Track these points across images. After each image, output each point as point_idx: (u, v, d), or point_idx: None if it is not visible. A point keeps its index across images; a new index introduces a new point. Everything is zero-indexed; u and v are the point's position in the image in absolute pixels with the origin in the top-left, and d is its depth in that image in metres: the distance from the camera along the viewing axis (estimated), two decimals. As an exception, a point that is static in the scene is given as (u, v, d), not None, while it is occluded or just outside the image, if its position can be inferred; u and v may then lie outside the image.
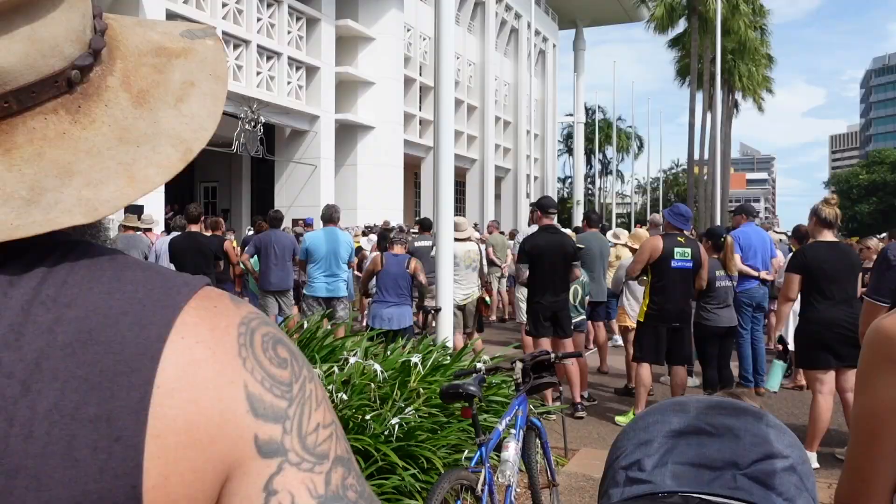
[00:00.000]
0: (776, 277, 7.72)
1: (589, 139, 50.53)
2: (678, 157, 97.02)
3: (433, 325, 6.15)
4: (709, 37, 31.12)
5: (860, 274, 5.57)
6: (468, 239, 7.89)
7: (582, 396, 6.62)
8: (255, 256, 8.37)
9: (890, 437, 1.08)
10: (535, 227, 7.74)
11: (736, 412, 0.68)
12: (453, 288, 7.57)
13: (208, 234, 10.04)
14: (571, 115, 43.88)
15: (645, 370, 6.08)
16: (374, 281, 6.46)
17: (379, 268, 6.39)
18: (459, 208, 29.95)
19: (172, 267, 7.14)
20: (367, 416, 3.79)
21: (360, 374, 4.19)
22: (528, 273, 6.30)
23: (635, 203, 54.34)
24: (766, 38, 38.37)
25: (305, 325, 5.50)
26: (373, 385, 4.05)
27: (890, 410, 1.07)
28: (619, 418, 6.29)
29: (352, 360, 4.12)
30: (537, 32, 34.65)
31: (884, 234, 13.45)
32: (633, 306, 7.29)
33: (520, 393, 3.48)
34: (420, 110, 26.47)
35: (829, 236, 5.26)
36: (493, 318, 13.10)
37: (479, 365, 4.33)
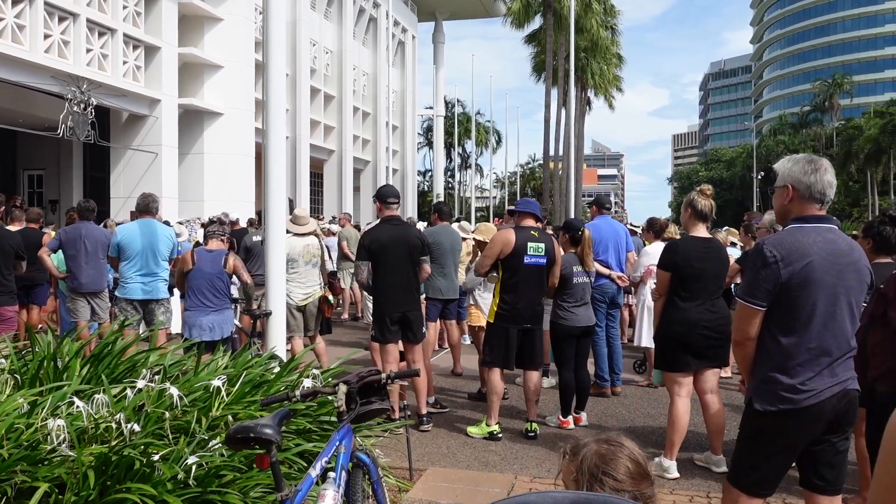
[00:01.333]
0: (630, 274, 7.54)
1: (449, 133, 50.67)
2: (535, 152, 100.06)
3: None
4: (563, 34, 31.77)
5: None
6: (309, 233, 7.15)
7: (429, 403, 6.09)
8: (61, 253, 7.22)
9: None
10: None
11: None
12: (292, 287, 6.84)
13: (18, 227, 8.72)
14: (431, 108, 43.71)
15: (496, 376, 5.63)
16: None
17: (189, 266, 5.55)
18: (316, 200, 28.92)
19: None
20: (156, 457, 3.02)
21: (154, 401, 3.41)
22: (367, 272, 5.68)
23: (494, 197, 55.13)
24: (617, 37, 39.85)
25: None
26: (167, 415, 3.28)
27: None
28: (471, 429, 5.80)
29: (140, 383, 3.32)
30: (396, 23, 34.15)
31: (726, 227, 13.97)
32: (487, 304, 6.85)
33: (343, 423, 2.84)
34: (273, 97, 25.16)
35: (702, 231, 4.96)
36: (346, 316, 12.41)
37: (305, 383, 3.66)
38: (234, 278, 5.87)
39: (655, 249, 7.67)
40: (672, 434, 4.87)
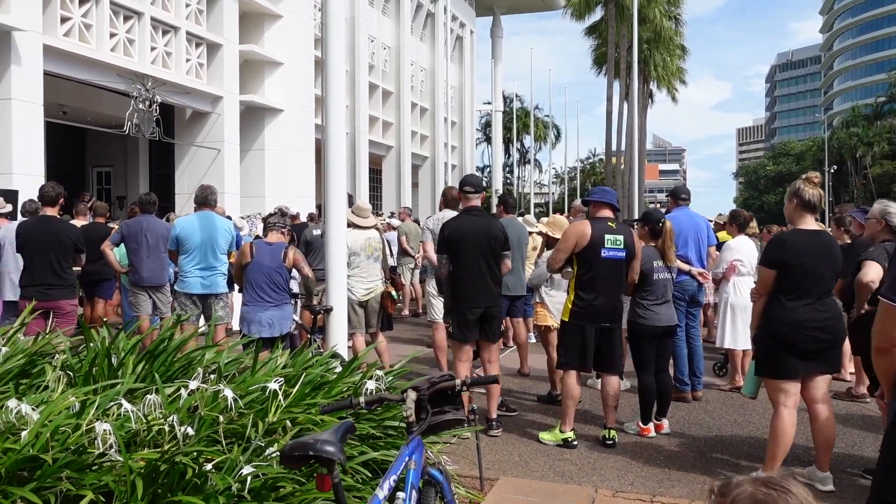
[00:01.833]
0: (713, 268, 7.03)
1: (507, 128, 50.15)
2: (595, 146, 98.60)
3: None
4: (625, 24, 30.97)
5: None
6: (370, 227, 6.86)
7: (497, 407, 5.71)
8: (124, 246, 7.12)
9: None
10: (446, 213, 6.81)
11: None
12: (353, 282, 6.58)
13: (83, 222, 8.71)
14: (489, 103, 43.29)
15: (571, 379, 5.23)
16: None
17: (247, 259, 5.31)
18: (375, 196, 28.85)
19: (20, 259, 5.83)
20: (208, 466, 2.76)
21: (208, 403, 3.15)
22: (447, 265, 5.36)
23: (553, 193, 54.39)
24: (681, 28, 38.68)
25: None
26: (221, 418, 3.01)
27: None
28: (543, 435, 5.42)
29: (192, 384, 3.06)
30: (454, 17, 33.85)
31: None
32: (555, 303, 6.44)
33: (412, 435, 2.52)
34: (332, 94, 25.20)
35: (811, 223, 4.43)
36: (406, 312, 12.14)
37: (368, 385, 3.36)
38: (294, 273, 5.63)
39: (739, 244, 7.17)
40: (775, 448, 4.39)
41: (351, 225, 6.70)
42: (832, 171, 59.04)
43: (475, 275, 5.31)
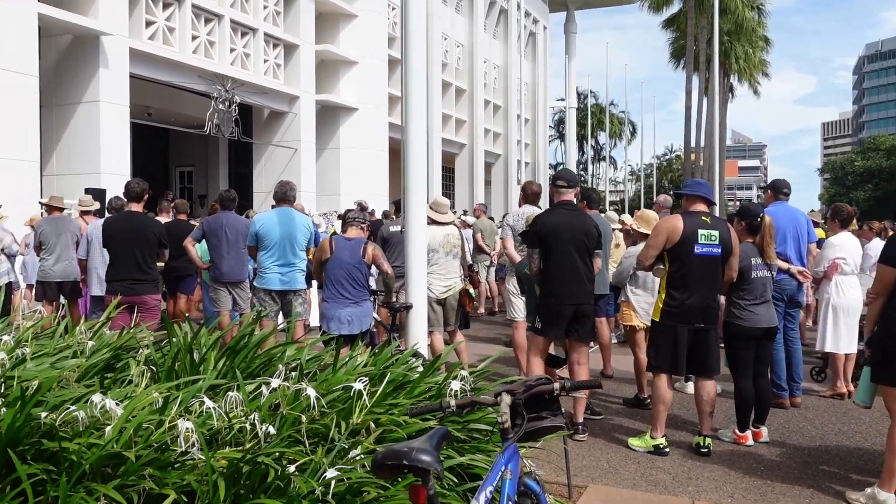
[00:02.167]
0: (813, 266, 6.59)
1: (581, 125, 49.36)
2: (672, 142, 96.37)
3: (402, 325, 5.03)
4: (705, 16, 30.00)
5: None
6: (449, 223, 6.72)
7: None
8: (205, 243, 7.18)
9: None
10: (526, 209, 6.61)
11: None
12: (432, 280, 6.44)
13: (166, 218, 8.88)
14: (563, 99, 42.67)
15: (663, 382, 4.93)
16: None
17: (327, 255, 5.22)
18: (448, 195, 28.78)
19: (106, 254, 5.92)
20: (291, 468, 2.65)
21: (290, 402, 3.05)
22: (538, 261, 5.16)
23: (628, 190, 53.30)
24: (764, 18, 37.20)
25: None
26: (304, 418, 2.90)
27: None
28: (633, 441, 5.14)
29: (274, 382, 2.96)
30: (527, 14, 33.48)
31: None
32: (641, 302, 6.15)
33: (508, 443, 2.33)
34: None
35: None
36: (482, 311, 11.98)
37: (453, 385, 3.20)
38: (373, 269, 5.53)
39: (842, 241, 6.69)
40: (892, 462, 4.02)
41: (429, 221, 6.58)
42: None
43: (567, 270, 5.08)
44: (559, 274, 5.08)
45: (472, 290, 6.60)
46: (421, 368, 3.94)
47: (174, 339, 3.76)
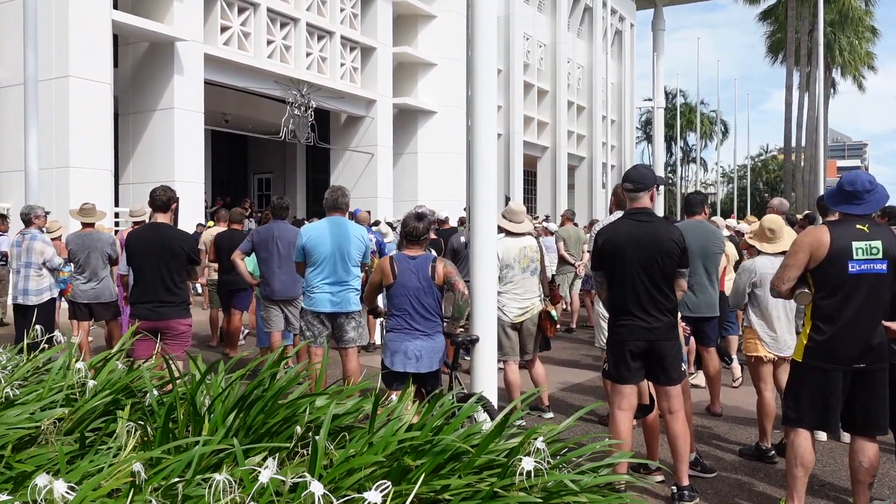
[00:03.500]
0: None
1: (669, 125, 47.45)
2: (767, 142, 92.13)
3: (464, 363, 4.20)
4: (806, 6, 28.01)
5: None
6: (525, 233, 5.85)
7: (689, 465, 4.43)
8: (255, 256, 6.57)
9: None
10: (617, 216, 5.68)
11: None
12: (506, 300, 5.62)
13: (223, 228, 8.36)
14: (650, 99, 40.99)
15: (803, 440, 3.84)
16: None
17: (390, 280, 4.40)
18: (530, 199, 27.85)
19: (130, 270, 5.29)
20: None
21: (287, 499, 2.27)
22: (604, 286, 4.23)
23: (721, 192, 50.91)
24: (871, 7, 34.64)
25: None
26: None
27: None
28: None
29: (264, 475, 2.16)
30: (613, 11, 32.23)
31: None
32: (766, 329, 5.10)
33: None
34: (487, 94, 24.57)
35: None
36: (566, 326, 10.97)
37: (525, 465, 2.39)
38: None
39: None
40: None
41: (502, 231, 5.73)
42: None
43: (634, 297, 4.10)
44: (623, 302, 4.12)
45: (553, 313, 5.70)
46: (488, 423, 3.14)
47: (178, 382, 3.07)
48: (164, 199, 5.13)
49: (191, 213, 13.83)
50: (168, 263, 5.03)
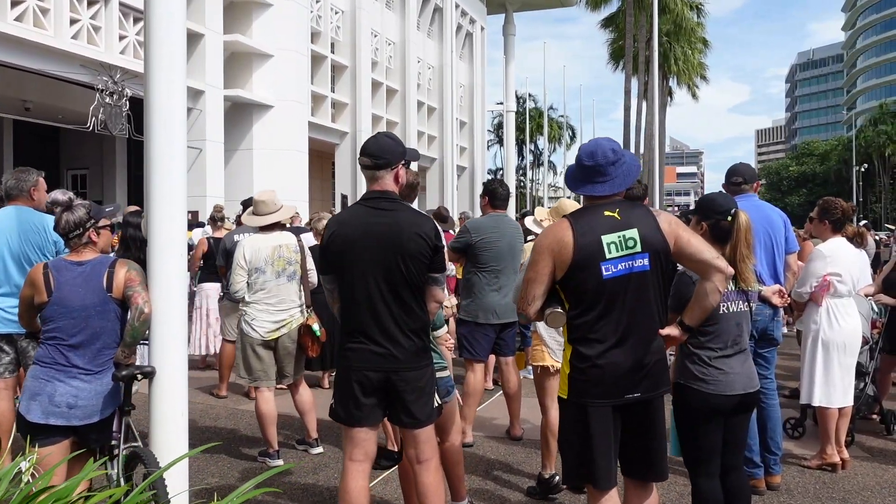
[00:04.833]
0: (794, 289, 4.97)
1: (520, 129, 48.19)
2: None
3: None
4: (644, 14, 28.97)
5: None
6: (278, 224, 4.84)
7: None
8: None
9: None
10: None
11: None
12: (255, 313, 4.63)
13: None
14: (501, 103, 41.36)
15: (599, 500, 2.93)
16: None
17: (43, 297, 3.05)
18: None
19: None
20: None
21: None
22: (332, 294, 3.29)
23: (570, 196, 52.41)
24: (703, 19, 36.56)
25: None
26: None
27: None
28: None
29: None
30: (464, 13, 32.06)
31: (864, 221, 11.38)
32: (554, 336, 4.39)
33: None
34: (333, 91, 23.64)
35: None
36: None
37: None
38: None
39: (835, 250, 4.91)
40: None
41: (244, 230, 4.72)
42: (863, 169, 56.45)
43: (367, 313, 3.11)
44: (357, 319, 3.13)
45: (315, 327, 4.69)
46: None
47: None
48: None
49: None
50: None
